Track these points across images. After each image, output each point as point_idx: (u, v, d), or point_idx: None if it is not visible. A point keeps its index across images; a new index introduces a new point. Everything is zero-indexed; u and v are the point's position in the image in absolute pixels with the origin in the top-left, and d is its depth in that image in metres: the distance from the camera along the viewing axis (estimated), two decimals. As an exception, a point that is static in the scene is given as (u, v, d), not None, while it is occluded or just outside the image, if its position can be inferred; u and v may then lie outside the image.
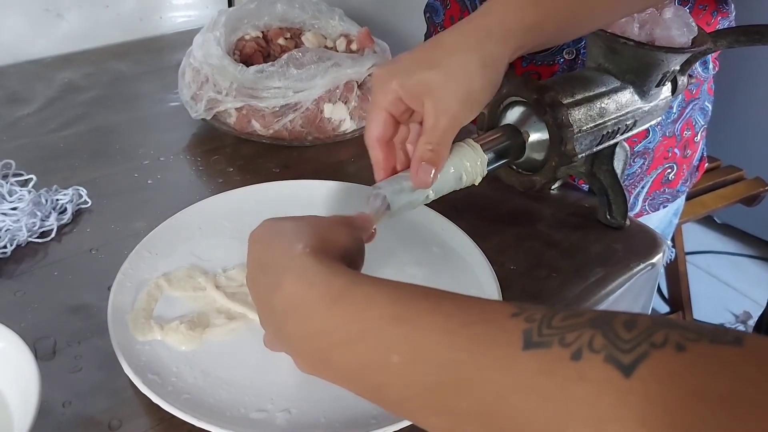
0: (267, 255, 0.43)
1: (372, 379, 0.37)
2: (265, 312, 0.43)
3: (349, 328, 0.37)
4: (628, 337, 0.28)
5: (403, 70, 0.52)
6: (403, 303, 0.36)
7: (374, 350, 0.36)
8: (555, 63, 0.83)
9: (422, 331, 0.34)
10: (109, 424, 0.51)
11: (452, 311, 0.35)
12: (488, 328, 0.32)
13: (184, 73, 0.88)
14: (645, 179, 0.90)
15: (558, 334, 0.30)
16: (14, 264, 0.65)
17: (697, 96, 0.88)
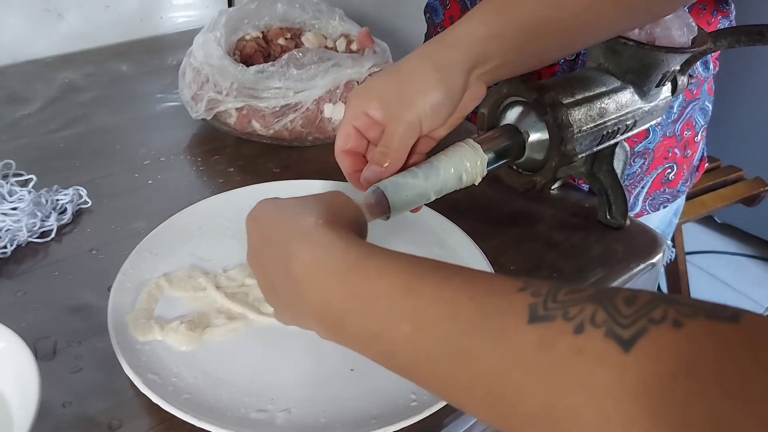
0: (274, 229, 0.45)
1: (383, 345, 0.38)
2: (278, 285, 0.44)
3: (363, 296, 0.39)
4: (628, 312, 0.29)
5: (368, 87, 0.55)
6: (414, 275, 0.38)
7: (385, 319, 0.37)
8: (555, 63, 0.83)
9: (430, 303, 0.36)
10: (110, 424, 0.51)
11: (461, 284, 0.36)
12: (494, 301, 0.33)
13: (185, 74, 0.88)
14: (645, 179, 0.90)
15: (562, 308, 0.31)
16: (14, 264, 0.65)
17: (697, 96, 0.88)
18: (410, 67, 0.54)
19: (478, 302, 0.34)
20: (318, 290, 0.41)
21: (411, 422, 0.51)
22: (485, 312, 0.33)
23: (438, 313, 0.35)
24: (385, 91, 0.54)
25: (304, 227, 0.43)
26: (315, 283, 0.41)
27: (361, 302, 0.39)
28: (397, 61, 0.56)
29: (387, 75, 0.55)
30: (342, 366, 0.56)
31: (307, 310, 0.42)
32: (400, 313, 0.37)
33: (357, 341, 0.40)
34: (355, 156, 0.57)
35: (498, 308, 0.33)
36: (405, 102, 0.53)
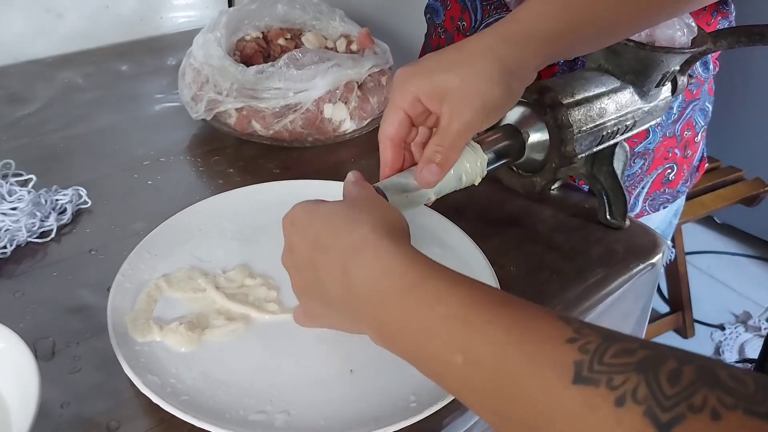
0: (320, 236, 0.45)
1: (435, 368, 0.40)
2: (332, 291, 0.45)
3: (418, 320, 0.39)
4: (670, 393, 0.29)
5: (423, 71, 0.52)
6: (470, 307, 0.38)
7: (439, 346, 0.38)
8: (555, 63, 0.83)
9: (482, 340, 0.36)
10: (108, 425, 0.51)
11: (512, 325, 0.36)
12: (542, 350, 0.34)
13: (185, 74, 0.88)
14: (645, 179, 0.90)
15: (607, 373, 0.31)
16: (14, 264, 0.65)
17: (697, 96, 0.88)
18: (477, 62, 0.50)
19: (527, 350, 0.34)
20: (376, 306, 0.42)
21: (410, 423, 0.51)
22: (534, 360, 0.34)
23: (490, 353, 0.36)
24: (445, 80, 0.51)
25: (363, 237, 0.43)
26: (375, 299, 0.42)
27: (417, 325, 0.39)
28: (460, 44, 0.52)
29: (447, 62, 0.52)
30: (341, 367, 0.56)
31: (364, 321, 0.43)
32: (453, 344, 0.37)
33: (410, 358, 0.42)
34: (399, 148, 0.54)
35: (546, 359, 0.33)
36: (469, 99, 0.50)
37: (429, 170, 0.51)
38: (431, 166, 0.51)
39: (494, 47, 0.51)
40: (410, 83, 0.52)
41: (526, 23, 0.52)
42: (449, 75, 0.51)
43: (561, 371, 0.32)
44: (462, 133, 0.51)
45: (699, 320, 1.95)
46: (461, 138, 0.51)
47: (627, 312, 0.75)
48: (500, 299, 0.38)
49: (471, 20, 0.89)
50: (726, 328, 1.95)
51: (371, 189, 0.50)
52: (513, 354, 0.35)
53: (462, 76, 0.50)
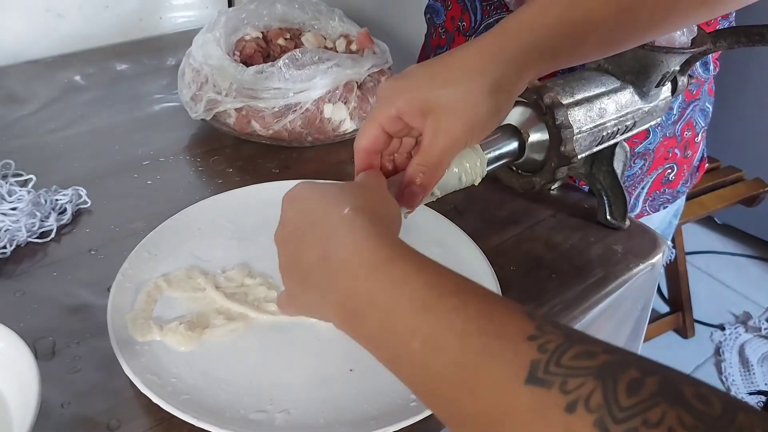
0: (318, 212, 0.45)
1: (392, 352, 0.39)
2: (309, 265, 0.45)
3: (384, 299, 0.39)
4: (626, 404, 0.27)
5: (408, 88, 0.50)
6: (434, 292, 0.38)
7: (398, 328, 0.38)
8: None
9: (443, 328, 0.36)
10: (108, 424, 0.51)
11: (474, 314, 0.35)
12: (500, 344, 0.33)
13: (184, 74, 0.88)
14: (645, 180, 0.90)
15: (562, 375, 0.30)
16: (14, 264, 0.65)
17: (697, 97, 0.88)
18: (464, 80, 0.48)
19: (487, 342, 0.33)
20: (348, 278, 0.41)
21: (410, 422, 0.51)
22: (491, 354, 0.33)
23: (447, 342, 0.35)
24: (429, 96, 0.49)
25: (346, 214, 0.43)
26: (344, 272, 0.41)
27: (382, 304, 0.39)
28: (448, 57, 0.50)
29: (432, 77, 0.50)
30: (341, 366, 0.56)
31: (333, 294, 0.43)
32: (413, 329, 0.37)
33: (369, 338, 0.41)
34: (373, 159, 0.53)
35: (502, 354, 0.32)
36: (455, 118, 0.48)
37: (409, 193, 0.50)
38: (412, 189, 0.50)
39: (483, 67, 0.49)
40: (394, 100, 0.50)
41: (518, 38, 0.50)
42: (435, 93, 0.49)
43: (517, 369, 0.31)
44: (446, 152, 0.50)
45: (699, 320, 1.95)
46: (445, 157, 0.50)
47: (627, 312, 0.75)
48: (468, 288, 0.38)
49: (471, 21, 0.89)
50: (726, 328, 1.95)
51: (380, 179, 0.50)
52: (472, 345, 0.34)
53: (448, 95, 0.48)
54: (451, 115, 0.48)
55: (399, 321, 0.38)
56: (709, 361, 1.87)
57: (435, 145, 0.49)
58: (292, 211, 0.48)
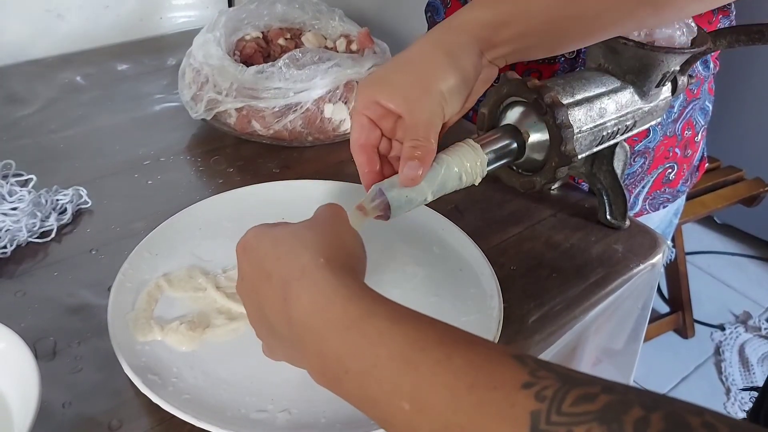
0: (267, 264, 0.43)
1: (381, 414, 0.36)
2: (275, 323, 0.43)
3: (361, 360, 0.36)
4: None
5: (378, 77, 0.54)
6: (415, 346, 0.35)
7: (385, 390, 0.35)
8: (556, 63, 0.83)
9: (429, 386, 0.34)
10: (109, 424, 0.51)
11: (461, 367, 0.33)
12: (495, 398, 0.31)
13: (184, 74, 0.88)
14: (645, 179, 0.90)
15: (566, 425, 0.28)
16: (14, 264, 0.65)
17: (697, 96, 0.88)
18: (421, 53, 0.53)
19: (480, 396, 0.31)
20: (317, 342, 0.39)
21: None
22: (486, 410, 0.31)
23: (437, 401, 0.33)
24: (398, 79, 0.52)
25: (304, 265, 0.41)
26: (314, 334, 0.39)
27: (360, 366, 0.37)
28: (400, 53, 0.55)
29: (396, 64, 0.54)
30: (342, 366, 0.56)
31: (305, 357, 0.41)
32: (399, 389, 0.35)
33: (355, 401, 0.38)
34: (370, 152, 0.54)
35: (498, 410, 0.31)
36: (423, 89, 0.51)
37: (410, 166, 0.50)
38: (412, 162, 0.50)
39: (434, 37, 0.53)
40: (367, 89, 0.53)
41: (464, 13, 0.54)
42: (401, 73, 0.52)
43: (516, 423, 0.29)
44: (429, 124, 0.51)
45: (699, 320, 1.95)
46: (430, 129, 0.51)
47: (627, 312, 0.75)
48: (450, 337, 0.36)
49: None
50: (726, 328, 1.95)
51: (338, 210, 0.48)
52: (463, 401, 0.32)
53: (413, 71, 0.52)
54: (420, 90, 0.51)
55: (383, 383, 0.35)
56: (709, 361, 1.87)
57: (418, 119, 0.51)
58: (245, 262, 0.46)
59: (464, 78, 0.53)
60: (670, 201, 0.94)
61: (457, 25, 0.54)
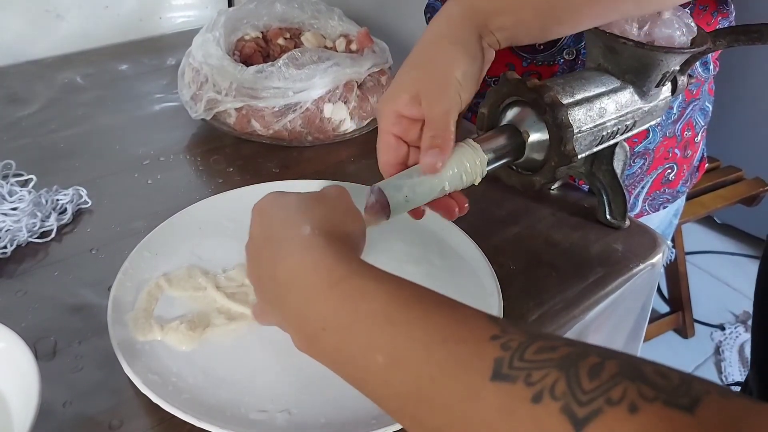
0: (272, 227, 0.45)
1: (355, 371, 0.38)
2: (265, 282, 0.44)
3: (341, 316, 0.38)
4: (589, 388, 0.28)
5: (392, 91, 0.54)
6: (396, 304, 0.37)
7: (361, 345, 0.37)
8: (555, 63, 0.83)
9: (406, 339, 0.35)
10: (110, 424, 0.51)
11: (437, 323, 0.35)
12: (464, 349, 0.33)
13: (184, 74, 0.88)
14: (645, 179, 0.90)
15: (526, 369, 0.30)
16: (14, 264, 0.65)
17: (697, 96, 0.88)
18: (428, 50, 0.55)
19: (451, 348, 0.33)
20: (298, 300, 0.40)
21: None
22: (456, 360, 0.33)
23: (411, 353, 0.34)
24: (412, 83, 0.53)
25: (300, 232, 0.42)
26: (297, 292, 0.40)
27: (339, 322, 0.38)
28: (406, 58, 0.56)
29: (406, 69, 0.55)
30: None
31: (287, 316, 0.42)
32: (375, 343, 0.36)
33: (330, 359, 0.40)
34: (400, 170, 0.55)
35: (467, 358, 0.32)
36: (439, 82, 0.52)
37: (431, 154, 0.51)
38: (432, 150, 0.51)
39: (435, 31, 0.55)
40: (386, 105, 0.54)
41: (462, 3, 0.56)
42: (413, 76, 0.54)
43: (481, 369, 0.31)
44: (446, 114, 0.52)
45: (699, 320, 1.95)
46: (448, 118, 0.52)
47: (627, 311, 0.75)
48: (429, 298, 0.37)
49: None
50: (726, 328, 1.95)
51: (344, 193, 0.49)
52: (435, 354, 0.33)
53: (424, 69, 0.54)
54: (433, 85, 0.52)
55: (360, 337, 0.37)
56: (709, 361, 1.87)
57: (436, 112, 0.52)
58: (256, 224, 0.47)
59: (475, 61, 0.54)
60: (669, 201, 0.94)
61: (455, 17, 0.55)
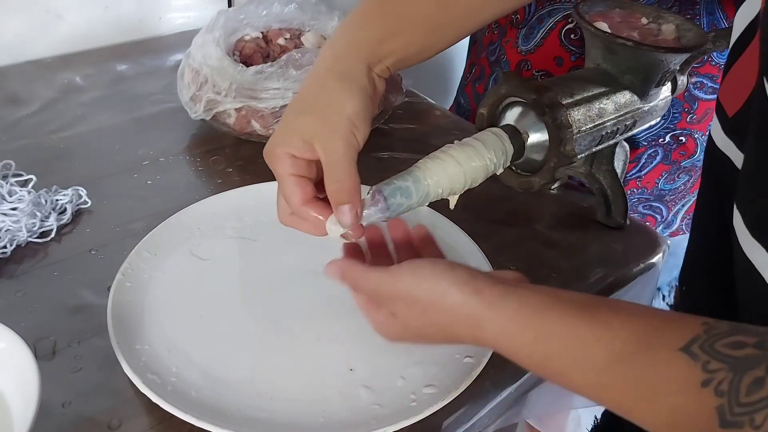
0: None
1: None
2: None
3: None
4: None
5: (282, 133, 0.51)
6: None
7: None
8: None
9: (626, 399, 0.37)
10: (109, 424, 0.51)
11: (646, 381, 0.36)
12: (687, 403, 0.34)
13: (183, 74, 0.88)
14: (687, 197, 0.88)
15: (748, 413, 0.31)
16: (14, 264, 0.65)
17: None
18: (315, 89, 0.51)
19: (671, 402, 0.35)
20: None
21: (410, 422, 0.51)
22: (680, 413, 0.34)
23: (637, 414, 0.37)
24: (304, 128, 0.50)
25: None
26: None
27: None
28: (294, 98, 0.53)
29: (294, 108, 0.52)
30: (341, 366, 0.56)
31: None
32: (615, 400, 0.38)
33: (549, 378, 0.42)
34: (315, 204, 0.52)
35: (692, 411, 0.34)
36: (330, 123, 0.49)
37: (343, 211, 0.49)
38: (341, 207, 0.49)
39: (322, 67, 0.52)
40: (279, 148, 0.51)
41: (345, 36, 0.53)
42: (303, 117, 0.50)
43: (708, 421, 0.33)
44: (343, 159, 0.49)
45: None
46: (348, 163, 0.50)
47: None
48: (629, 354, 0.38)
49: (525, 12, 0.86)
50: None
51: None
52: (662, 411, 0.35)
53: (313, 110, 0.50)
54: (325, 127, 0.49)
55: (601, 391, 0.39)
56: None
57: (333, 159, 0.49)
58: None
59: (366, 96, 0.51)
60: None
61: (341, 49, 0.52)
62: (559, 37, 0.82)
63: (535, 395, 0.66)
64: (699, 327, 0.35)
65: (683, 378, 0.34)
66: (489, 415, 0.60)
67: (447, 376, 0.55)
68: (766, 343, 0.33)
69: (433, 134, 0.91)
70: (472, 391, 0.55)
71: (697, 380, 0.34)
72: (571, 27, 0.81)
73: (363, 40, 0.52)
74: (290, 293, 0.62)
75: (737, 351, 0.33)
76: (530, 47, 0.85)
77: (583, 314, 0.40)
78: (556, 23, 0.81)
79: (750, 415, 0.31)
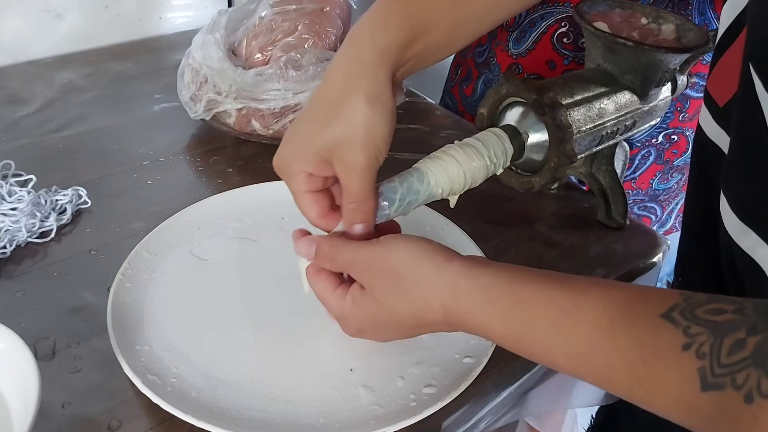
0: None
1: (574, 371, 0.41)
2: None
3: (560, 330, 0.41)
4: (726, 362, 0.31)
5: (298, 147, 0.50)
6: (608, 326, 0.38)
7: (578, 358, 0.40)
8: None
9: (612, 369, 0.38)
10: (109, 424, 0.51)
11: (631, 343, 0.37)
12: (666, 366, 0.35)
13: (183, 74, 0.88)
14: (680, 195, 0.88)
15: (729, 374, 0.32)
16: (14, 264, 0.65)
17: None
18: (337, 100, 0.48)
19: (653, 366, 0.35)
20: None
21: (410, 423, 0.51)
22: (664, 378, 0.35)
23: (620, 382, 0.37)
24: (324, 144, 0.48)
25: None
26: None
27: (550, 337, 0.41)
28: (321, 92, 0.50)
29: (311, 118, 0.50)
30: (341, 366, 0.56)
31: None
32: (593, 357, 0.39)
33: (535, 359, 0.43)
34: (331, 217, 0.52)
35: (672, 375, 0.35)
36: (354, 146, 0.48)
37: (358, 229, 0.50)
38: (356, 227, 0.49)
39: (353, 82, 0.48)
40: (295, 164, 0.50)
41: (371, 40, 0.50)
42: (323, 138, 0.48)
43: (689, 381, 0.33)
44: (365, 182, 0.49)
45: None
46: (366, 184, 0.49)
47: None
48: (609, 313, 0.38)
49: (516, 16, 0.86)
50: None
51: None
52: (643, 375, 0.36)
53: (335, 131, 0.48)
54: (349, 147, 0.48)
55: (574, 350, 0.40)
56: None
57: (352, 181, 0.48)
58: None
59: (392, 118, 0.50)
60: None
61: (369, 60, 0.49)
62: (551, 40, 0.82)
63: (535, 395, 0.66)
64: (678, 296, 0.36)
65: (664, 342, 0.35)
66: (489, 415, 0.60)
67: (447, 376, 0.55)
68: (745, 309, 0.33)
69: (433, 134, 0.91)
70: (471, 392, 0.55)
71: (678, 344, 0.34)
72: (564, 31, 0.81)
73: (389, 47, 0.50)
74: (290, 293, 0.62)
75: (717, 316, 0.33)
76: (522, 51, 0.84)
77: (561, 285, 0.40)
78: (549, 27, 0.81)
79: (731, 376, 0.32)
